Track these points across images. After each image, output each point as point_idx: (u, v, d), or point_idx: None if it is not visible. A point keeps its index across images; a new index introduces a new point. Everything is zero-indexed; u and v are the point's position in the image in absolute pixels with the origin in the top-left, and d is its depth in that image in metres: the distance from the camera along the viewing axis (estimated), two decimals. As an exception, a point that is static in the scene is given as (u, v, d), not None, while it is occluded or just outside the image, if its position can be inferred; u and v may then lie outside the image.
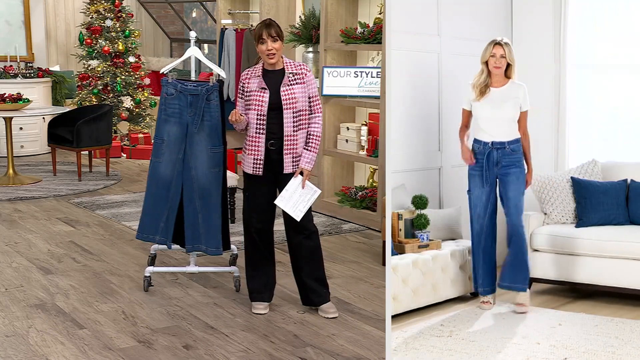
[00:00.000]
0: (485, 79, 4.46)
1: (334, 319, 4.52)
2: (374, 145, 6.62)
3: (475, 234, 4.54)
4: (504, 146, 4.45)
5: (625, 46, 4.70)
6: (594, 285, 4.63)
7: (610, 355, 3.88)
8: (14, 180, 8.29)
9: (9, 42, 10.55)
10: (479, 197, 4.51)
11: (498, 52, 4.39)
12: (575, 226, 4.75)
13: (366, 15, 7.04)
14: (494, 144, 4.46)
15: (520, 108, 4.46)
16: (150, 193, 4.93)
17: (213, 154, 4.80)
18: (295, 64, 4.47)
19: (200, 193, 4.83)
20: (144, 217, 4.97)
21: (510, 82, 4.46)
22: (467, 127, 4.57)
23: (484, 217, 4.52)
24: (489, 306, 4.51)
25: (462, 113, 4.58)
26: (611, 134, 4.87)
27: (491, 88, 4.46)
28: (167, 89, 4.87)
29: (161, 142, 4.87)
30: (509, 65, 4.42)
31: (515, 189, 4.46)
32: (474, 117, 4.52)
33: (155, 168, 4.90)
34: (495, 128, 4.47)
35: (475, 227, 4.54)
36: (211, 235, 4.83)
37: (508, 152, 4.45)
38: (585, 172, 4.85)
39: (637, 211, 4.67)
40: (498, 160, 4.46)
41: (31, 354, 4.03)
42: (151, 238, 4.96)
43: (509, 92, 4.45)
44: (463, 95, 4.55)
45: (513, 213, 4.46)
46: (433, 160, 4.86)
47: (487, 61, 4.43)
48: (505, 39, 4.43)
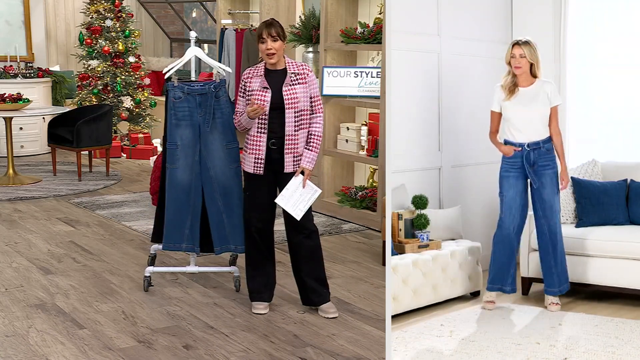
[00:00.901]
0: (512, 79, 4.43)
1: (334, 319, 4.52)
2: (374, 145, 6.62)
3: (506, 237, 4.49)
4: (539, 146, 4.43)
5: (625, 46, 4.70)
6: (594, 285, 4.63)
7: (610, 355, 3.88)
8: (14, 180, 8.29)
9: (9, 42, 10.55)
10: (513, 198, 4.47)
11: (517, 52, 4.36)
12: (575, 226, 4.75)
13: (366, 15, 7.04)
14: (530, 144, 4.43)
15: (550, 103, 4.42)
16: (171, 200, 4.83)
17: (229, 150, 4.79)
18: (297, 64, 4.47)
19: (222, 192, 4.81)
20: (168, 227, 4.86)
21: (537, 81, 4.43)
22: (497, 131, 4.53)
23: (519, 219, 4.49)
24: (493, 306, 4.50)
25: (491, 116, 4.52)
26: (611, 134, 4.87)
27: (519, 88, 4.43)
28: (174, 92, 4.80)
29: (175, 148, 4.80)
30: (532, 65, 4.39)
31: (550, 191, 4.44)
32: (505, 119, 4.48)
33: (173, 174, 4.82)
34: (529, 128, 4.44)
35: (509, 229, 4.48)
36: (237, 232, 4.81)
37: (544, 151, 4.43)
38: (585, 172, 4.85)
39: (637, 211, 4.67)
40: (535, 160, 4.43)
41: (31, 354, 4.03)
42: (178, 247, 4.89)
43: (537, 90, 4.43)
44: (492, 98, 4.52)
45: (549, 215, 4.45)
46: (433, 160, 4.86)
47: (510, 62, 4.41)
48: (527, 37, 4.39)
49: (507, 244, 4.51)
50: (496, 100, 4.51)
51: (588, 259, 4.60)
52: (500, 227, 4.52)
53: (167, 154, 4.83)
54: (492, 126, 4.55)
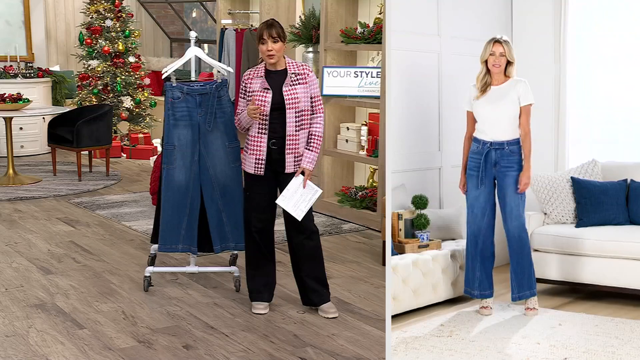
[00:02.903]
0: (484, 78, 4.36)
1: (334, 319, 4.52)
2: (374, 145, 6.62)
3: (471, 236, 4.44)
4: (503, 146, 4.35)
5: (626, 46, 4.70)
6: (594, 285, 4.63)
7: (610, 355, 3.88)
8: (14, 180, 8.29)
9: (9, 42, 10.55)
10: (476, 197, 4.41)
11: (497, 50, 4.29)
12: (576, 226, 4.75)
13: (366, 15, 7.04)
14: (492, 143, 4.36)
15: (519, 103, 4.33)
16: (167, 201, 4.82)
17: (231, 149, 4.80)
18: (297, 64, 4.47)
19: (222, 191, 4.81)
20: (163, 228, 4.84)
21: (510, 80, 4.35)
22: (472, 137, 4.45)
23: (482, 219, 4.41)
24: (489, 311, 4.44)
25: (467, 117, 4.47)
26: (611, 134, 4.87)
27: (491, 86, 4.37)
28: (172, 93, 4.78)
29: (172, 148, 4.78)
30: (509, 63, 4.33)
31: (513, 193, 4.35)
32: (475, 117, 4.43)
33: (169, 175, 4.80)
34: (495, 127, 4.37)
35: (472, 229, 4.43)
36: (237, 231, 4.81)
37: (507, 152, 4.34)
38: (585, 172, 4.85)
39: (637, 211, 4.67)
40: (496, 160, 4.36)
41: (31, 354, 4.03)
42: (174, 248, 4.88)
43: (507, 89, 4.36)
44: (464, 97, 4.47)
45: (510, 218, 4.36)
46: (433, 160, 4.87)
47: (487, 60, 4.34)
48: (505, 36, 4.34)
49: (471, 245, 4.44)
50: (467, 99, 4.44)
51: (588, 259, 4.60)
52: (467, 228, 4.47)
53: (163, 154, 4.83)
54: (468, 129, 4.47)
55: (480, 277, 4.44)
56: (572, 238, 4.63)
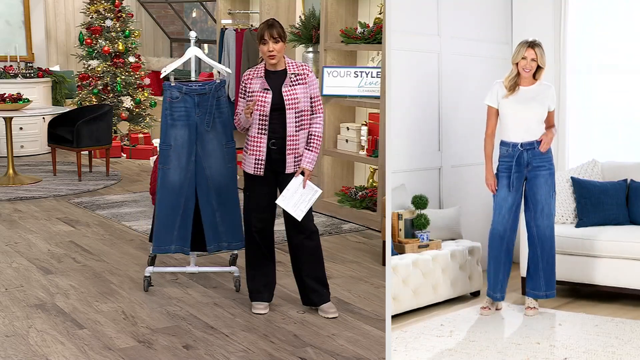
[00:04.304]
0: (514, 78, 4.37)
1: (334, 319, 4.52)
2: (374, 145, 6.62)
3: (497, 237, 4.43)
4: (533, 146, 4.37)
5: (626, 46, 4.71)
6: (594, 285, 4.63)
7: (610, 355, 3.88)
8: (14, 180, 8.29)
9: (9, 42, 10.55)
10: (504, 198, 4.41)
11: (530, 55, 4.29)
12: (575, 226, 4.75)
13: (366, 15, 7.04)
14: (523, 145, 4.37)
15: (548, 108, 4.39)
16: (161, 202, 4.82)
17: (228, 149, 4.80)
18: (297, 65, 4.47)
19: (217, 191, 4.81)
20: (158, 229, 4.85)
21: (539, 82, 4.38)
22: (494, 134, 4.45)
23: (508, 220, 4.41)
24: (489, 312, 4.45)
25: (488, 114, 4.45)
26: (611, 134, 4.87)
27: (520, 87, 4.38)
28: (170, 92, 4.78)
29: (168, 148, 4.78)
30: (539, 68, 4.34)
31: (545, 192, 4.37)
32: (501, 116, 4.42)
33: (164, 176, 4.80)
34: (523, 127, 4.38)
35: (498, 230, 4.42)
36: (233, 230, 4.82)
37: (538, 152, 4.37)
38: (585, 172, 4.85)
39: (637, 211, 4.67)
40: (528, 161, 4.38)
41: (31, 354, 4.03)
42: (167, 249, 4.88)
43: (537, 91, 4.38)
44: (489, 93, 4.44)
45: (541, 217, 4.39)
46: (433, 160, 4.87)
47: (518, 62, 4.33)
48: (538, 39, 4.31)
49: (495, 246, 4.44)
50: (495, 95, 4.43)
51: (588, 259, 4.60)
52: (491, 228, 4.47)
53: (159, 154, 4.83)
54: (490, 125, 4.46)
55: (503, 280, 4.45)
56: (572, 238, 4.63)
